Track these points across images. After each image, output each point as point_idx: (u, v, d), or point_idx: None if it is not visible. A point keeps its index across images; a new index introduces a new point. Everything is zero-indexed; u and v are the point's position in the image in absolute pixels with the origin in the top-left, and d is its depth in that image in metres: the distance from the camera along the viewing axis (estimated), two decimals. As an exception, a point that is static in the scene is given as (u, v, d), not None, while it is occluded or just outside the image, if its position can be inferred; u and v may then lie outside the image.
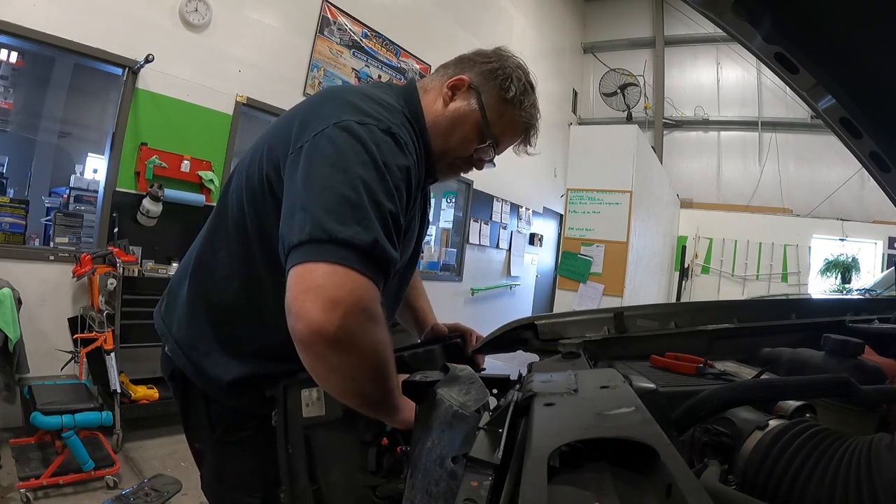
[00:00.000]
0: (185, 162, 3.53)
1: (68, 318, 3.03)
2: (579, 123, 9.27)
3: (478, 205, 6.58)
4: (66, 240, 3.19)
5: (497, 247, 7.05)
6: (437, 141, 0.98)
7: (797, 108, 7.76)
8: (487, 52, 1.03)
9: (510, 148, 1.07)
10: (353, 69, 4.81)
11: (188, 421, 1.09)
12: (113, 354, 2.69)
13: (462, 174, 1.07)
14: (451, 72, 1.01)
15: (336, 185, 0.74)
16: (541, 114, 1.04)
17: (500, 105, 0.97)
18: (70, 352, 2.88)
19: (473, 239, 6.50)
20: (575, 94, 9.52)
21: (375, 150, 0.78)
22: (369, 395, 0.77)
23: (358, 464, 0.85)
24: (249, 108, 3.99)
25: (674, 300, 7.81)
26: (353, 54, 4.82)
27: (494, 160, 1.05)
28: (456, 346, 1.19)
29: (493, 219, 6.88)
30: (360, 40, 4.88)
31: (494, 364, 1.12)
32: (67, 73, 4.74)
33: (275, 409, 0.86)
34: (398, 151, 0.82)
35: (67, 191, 3.85)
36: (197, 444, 1.10)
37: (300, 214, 0.74)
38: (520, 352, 1.13)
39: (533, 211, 7.89)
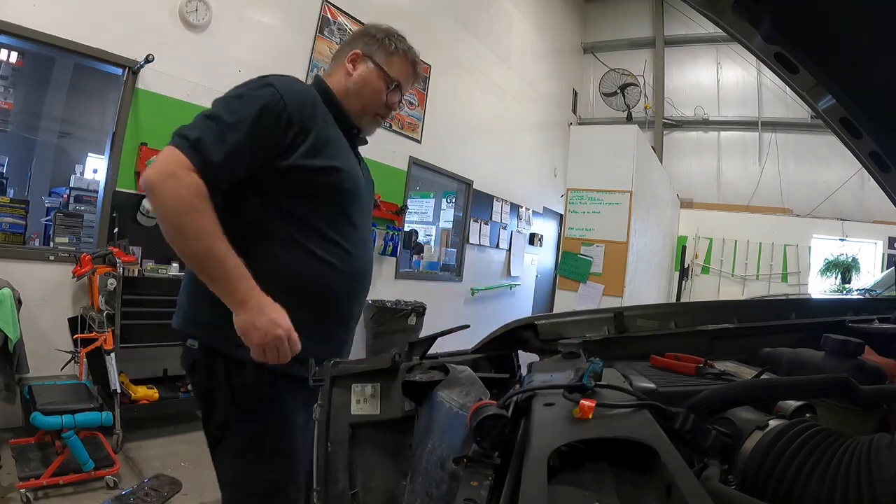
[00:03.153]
0: (186, 162, 3.52)
1: (68, 318, 3.02)
2: (579, 123, 9.26)
3: (478, 205, 6.57)
4: (66, 240, 3.18)
5: (497, 247, 7.04)
6: (353, 102, 1.27)
7: (797, 108, 7.75)
8: (357, 31, 1.38)
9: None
10: (352, 69, 4.81)
11: (211, 403, 1.14)
12: (113, 354, 2.69)
13: (382, 119, 1.35)
14: (344, 54, 1.31)
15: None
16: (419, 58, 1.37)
17: (389, 57, 1.30)
18: (70, 352, 2.87)
19: (473, 239, 6.49)
20: (575, 94, 9.51)
21: (242, 89, 1.11)
22: (186, 253, 1.02)
23: (403, 470, 0.80)
24: (249, 107, 3.99)
25: (674, 300, 7.80)
26: (353, 54, 4.82)
27: (402, 100, 1.37)
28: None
29: (493, 219, 6.87)
30: (360, 40, 4.87)
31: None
32: (67, 73, 4.73)
33: (317, 403, 0.81)
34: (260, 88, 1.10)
35: (67, 191, 3.84)
36: (216, 430, 1.15)
37: None
38: (520, 352, 1.13)
39: (533, 211, 7.87)
